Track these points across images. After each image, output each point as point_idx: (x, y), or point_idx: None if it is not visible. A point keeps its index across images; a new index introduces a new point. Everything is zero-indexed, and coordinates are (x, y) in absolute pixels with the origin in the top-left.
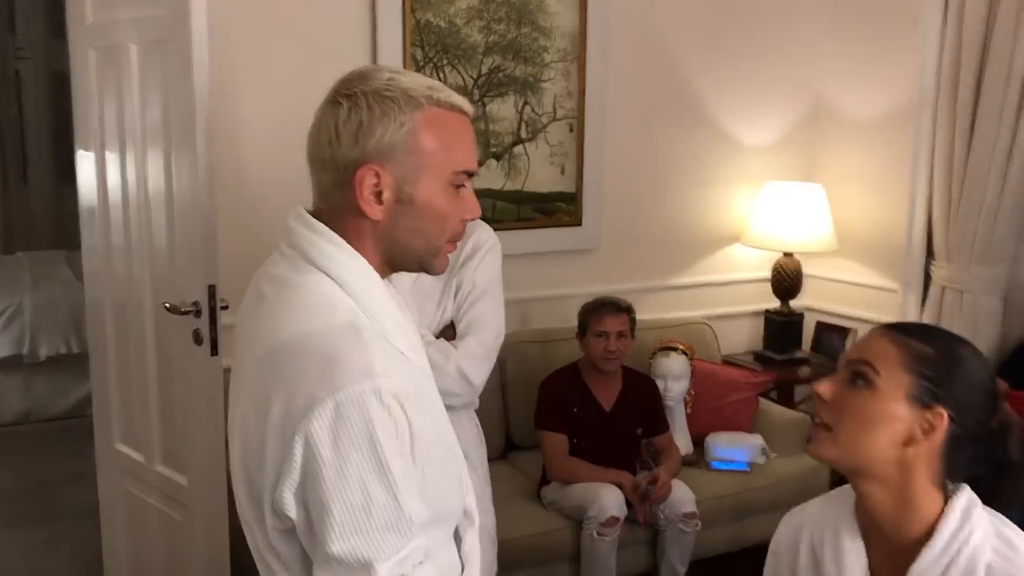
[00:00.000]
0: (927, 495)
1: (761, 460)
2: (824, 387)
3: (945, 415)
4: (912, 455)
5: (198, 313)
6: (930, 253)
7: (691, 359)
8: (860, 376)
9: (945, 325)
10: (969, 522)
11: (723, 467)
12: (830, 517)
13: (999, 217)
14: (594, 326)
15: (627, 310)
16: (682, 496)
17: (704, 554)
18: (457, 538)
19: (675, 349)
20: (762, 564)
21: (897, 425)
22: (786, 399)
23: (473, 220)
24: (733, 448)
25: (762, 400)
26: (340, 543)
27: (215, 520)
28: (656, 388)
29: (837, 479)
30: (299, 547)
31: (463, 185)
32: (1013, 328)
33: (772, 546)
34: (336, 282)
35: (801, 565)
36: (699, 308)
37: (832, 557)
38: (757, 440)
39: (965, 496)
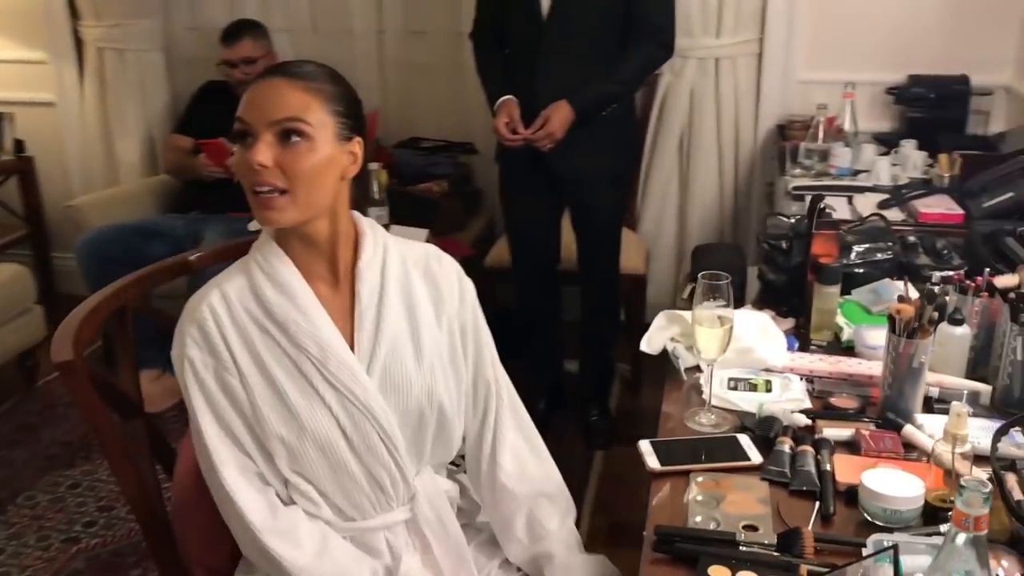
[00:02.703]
0: (348, 217)
1: None
2: (262, 155)
3: (361, 142)
4: (343, 185)
5: None
6: (76, 13)
7: None
8: (294, 133)
9: (111, 88)
10: (376, 230)
11: None
12: (257, 279)
13: None
14: None
15: None
16: None
17: None
18: None
19: None
20: None
21: (335, 165)
22: None
23: None
24: None
25: None
26: None
27: None
28: None
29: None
30: None
31: None
32: (179, 82)
33: (192, 351)
34: None
35: (253, 334)
36: None
37: (289, 303)
38: None
39: (358, 214)
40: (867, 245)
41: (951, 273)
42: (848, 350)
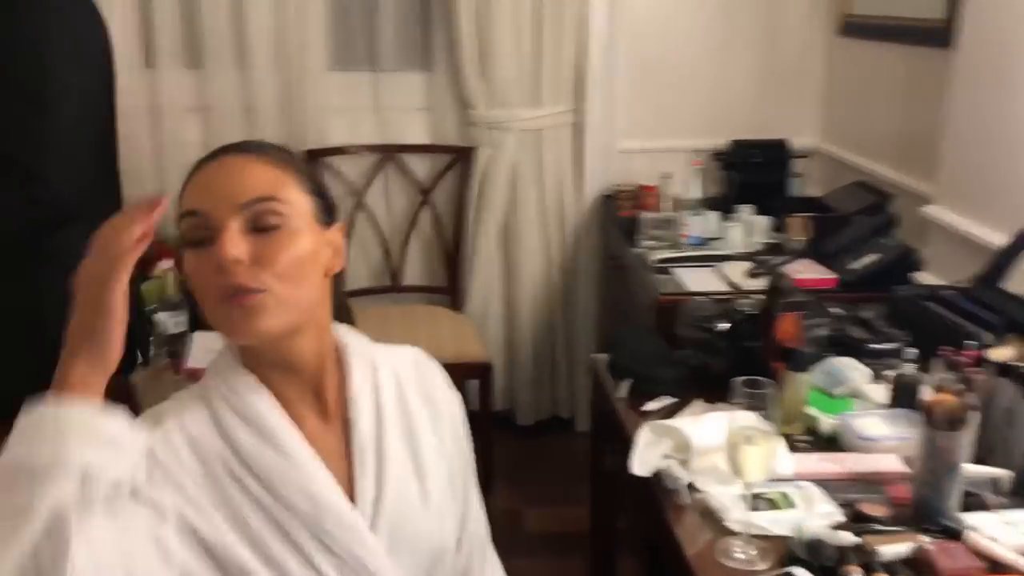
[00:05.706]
0: (331, 329)
1: None
2: (234, 247)
3: (342, 229)
4: (326, 284)
5: None
6: None
7: None
8: (271, 215)
9: None
10: (359, 339)
11: None
12: (222, 414)
13: None
14: None
15: None
16: None
17: None
18: None
19: None
20: None
21: (319, 256)
22: None
23: None
24: None
25: None
26: None
27: None
28: None
29: None
30: None
31: None
32: None
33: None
34: None
35: (226, 484)
36: None
37: (267, 447)
38: None
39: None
40: (804, 321)
41: (904, 349)
42: (830, 443)
